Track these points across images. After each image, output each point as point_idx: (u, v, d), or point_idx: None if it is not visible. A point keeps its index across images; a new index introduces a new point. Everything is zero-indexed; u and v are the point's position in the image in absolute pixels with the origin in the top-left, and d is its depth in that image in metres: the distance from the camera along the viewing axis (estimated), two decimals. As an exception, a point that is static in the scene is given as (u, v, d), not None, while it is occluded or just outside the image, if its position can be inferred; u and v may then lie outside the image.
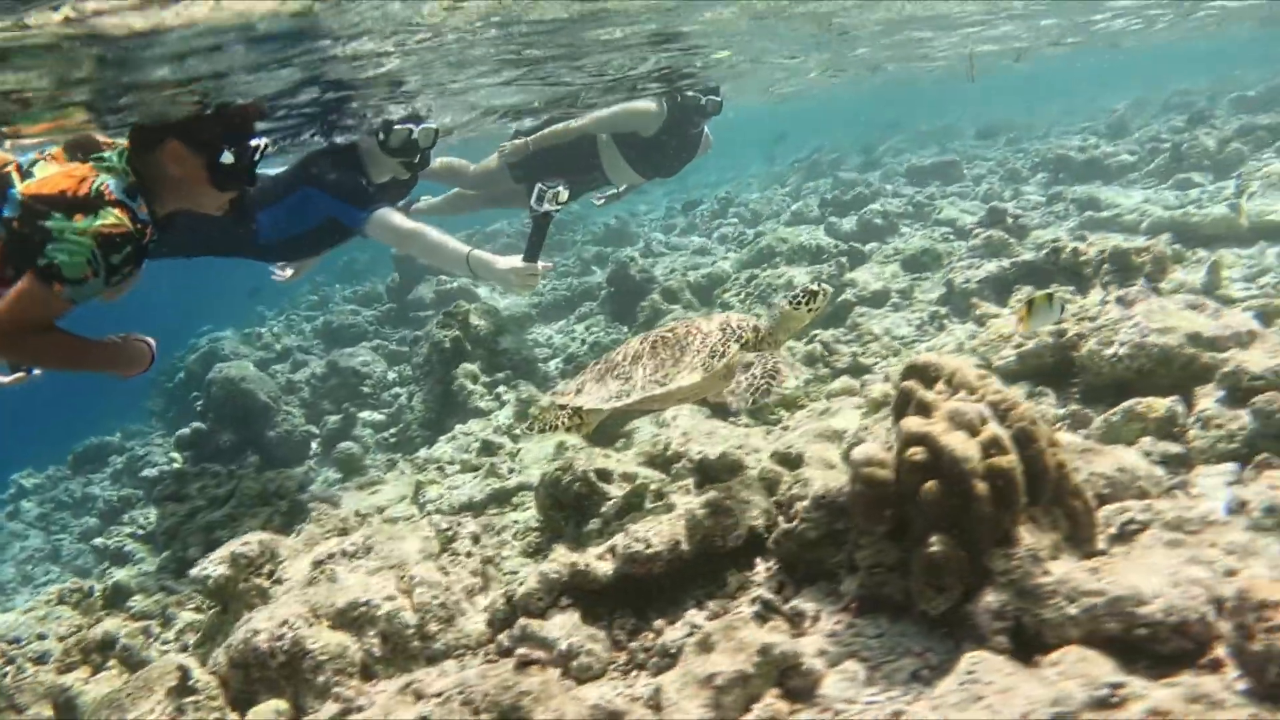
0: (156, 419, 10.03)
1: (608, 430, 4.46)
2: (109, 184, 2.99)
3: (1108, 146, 10.85)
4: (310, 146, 5.62)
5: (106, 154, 3.12)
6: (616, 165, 6.88)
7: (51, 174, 3.01)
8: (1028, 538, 2.27)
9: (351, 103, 5.25)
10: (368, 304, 11.43)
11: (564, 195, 4.70)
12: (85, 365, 3.31)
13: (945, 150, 15.04)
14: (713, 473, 3.42)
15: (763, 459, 3.39)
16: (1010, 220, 6.24)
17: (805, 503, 2.72)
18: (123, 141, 3.22)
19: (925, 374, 2.62)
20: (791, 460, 3.36)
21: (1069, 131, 14.30)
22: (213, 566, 3.17)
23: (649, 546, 2.70)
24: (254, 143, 3.39)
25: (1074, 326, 3.76)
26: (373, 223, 4.88)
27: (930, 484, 2.28)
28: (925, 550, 2.24)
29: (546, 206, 4.66)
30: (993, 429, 2.31)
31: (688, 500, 2.97)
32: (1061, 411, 3.51)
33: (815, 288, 3.08)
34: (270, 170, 5.34)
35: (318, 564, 3.13)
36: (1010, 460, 2.27)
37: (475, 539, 3.24)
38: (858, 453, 2.42)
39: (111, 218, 2.92)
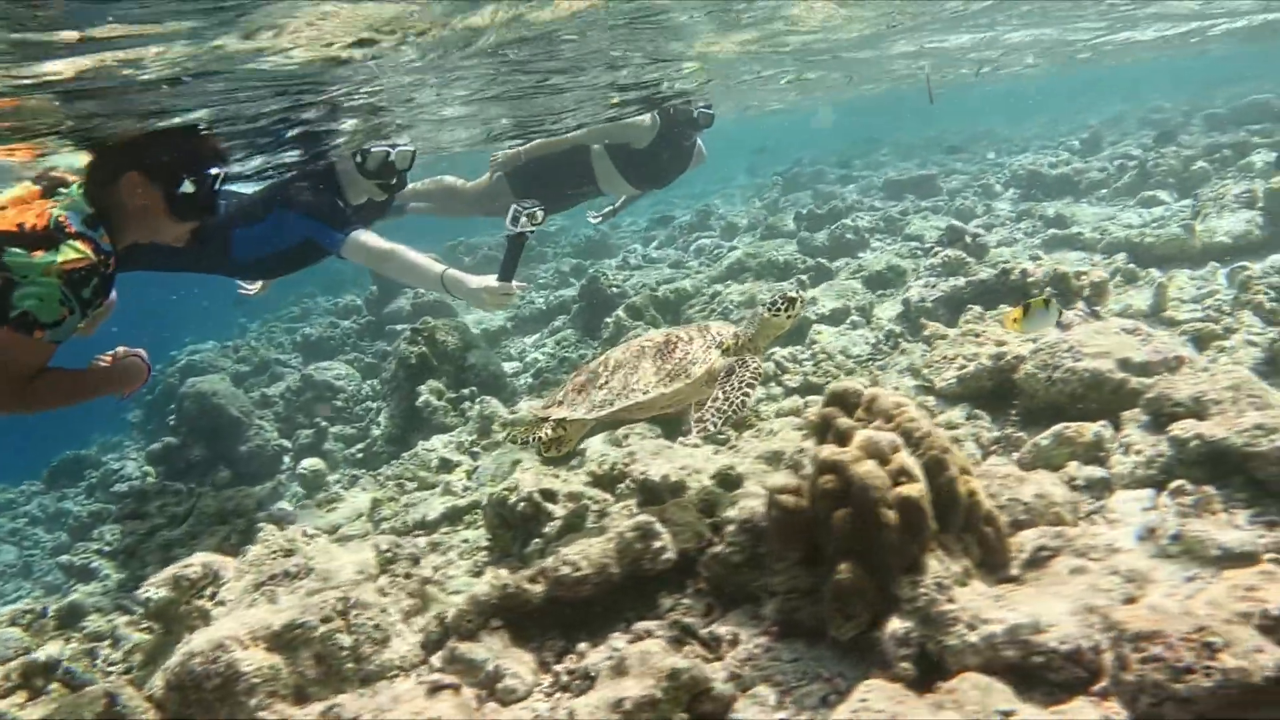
0: (137, 431, 10.03)
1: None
2: (67, 216, 2.97)
3: (1079, 163, 10.97)
4: (286, 166, 5.66)
5: (63, 189, 3.11)
6: (610, 176, 6.90)
7: (7, 209, 2.98)
8: (935, 565, 2.32)
9: (329, 125, 5.28)
10: (346, 316, 11.44)
11: (539, 216, 4.70)
12: (86, 395, 3.30)
13: (925, 163, 15.17)
14: (655, 493, 3.46)
15: (704, 480, 3.43)
16: (969, 239, 6.32)
17: (733, 526, 2.77)
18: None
19: (845, 400, 2.67)
20: (732, 482, 3.41)
21: (1047, 146, 14.44)
22: (154, 589, 3.19)
23: (577, 570, 2.74)
24: (213, 171, 3.40)
25: (1014, 349, 3.83)
26: (348, 245, 4.88)
27: (840, 512, 2.33)
28: (834, 578, 2.29)
29: (521, 227, 4.66)
30: (903, 458, 2.37)
31: (622, 522, 3.01)
32: (996, 434, 3.57)
33: (793, 294, 3.14)
34: (247, 189, 5.37)
35: (259, 585, 3.15)
36: (918, 489, 2.32)
37: (415, 560, 3.27)
38: (773, 480, 2.48)
39: (73, 251, 2.91)
